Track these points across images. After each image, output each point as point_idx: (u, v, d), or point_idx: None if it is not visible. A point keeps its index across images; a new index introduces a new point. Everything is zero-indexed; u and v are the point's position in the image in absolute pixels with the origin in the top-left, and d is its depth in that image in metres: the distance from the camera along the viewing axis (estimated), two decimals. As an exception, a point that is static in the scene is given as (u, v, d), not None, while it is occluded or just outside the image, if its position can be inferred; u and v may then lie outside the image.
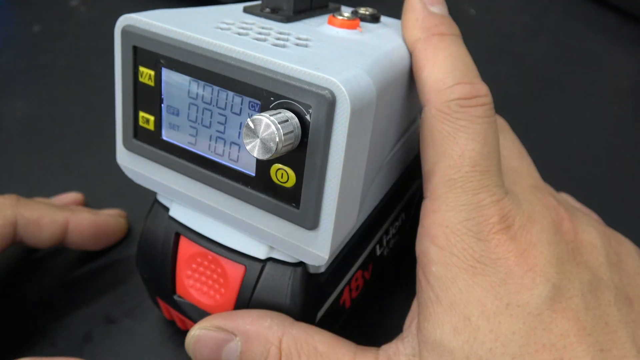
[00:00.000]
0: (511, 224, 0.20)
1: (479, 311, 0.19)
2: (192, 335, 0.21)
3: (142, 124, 0.21)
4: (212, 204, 0.21)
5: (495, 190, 0.20)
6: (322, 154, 0.17)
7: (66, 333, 0.27)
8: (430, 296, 0.20)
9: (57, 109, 0.43)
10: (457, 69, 0.20)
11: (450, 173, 0.20)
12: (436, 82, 0.20)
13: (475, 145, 0.20)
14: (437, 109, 0.20)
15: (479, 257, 0.19)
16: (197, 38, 0.19)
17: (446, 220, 0.20)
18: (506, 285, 0.19)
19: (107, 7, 0.59)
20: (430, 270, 0.20)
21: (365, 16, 0.24)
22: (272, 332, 0.20)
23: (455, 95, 0.20)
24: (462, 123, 0.20)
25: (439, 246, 0.20)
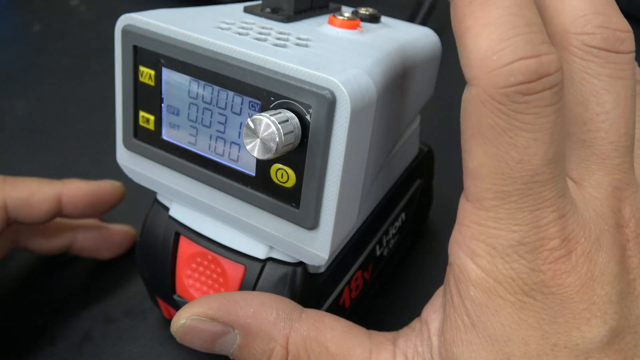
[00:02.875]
0: (573, 249, 0.16)
1: (521, 351, 0.16)
2: (181, 324, 0.18)
3: (142, 123, 0.21)
4: (212, 203, 0.21)
5: (559, 204, 0.16)
6: (322, 154, 0.17)
7: (66, 332, 0.27)
8: (464, 320, 0.17)
9: (57, 109, 0.43)
10: (519, 32, 0.15)
11: (503, 183, 0.16)
12: (487, 54, 0.15)
13: (540, 147, 0.15)
14: (490, 96, 0.15)
15: (528, 291, 0.16)
16: (197, 38, 0.19)
17: (493, 240, 0.16)
18: (555, 324, 0.16)
19: (107, 7, 0.59)
20: (468, 293, 0.17)
21: (365, 16, 0.24)
22: (278, 329, 0.18)
23: (516, 78, 0.14)
24: (524, 118, 0.15)
25: (482, 268, 0.16)
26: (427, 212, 0.32)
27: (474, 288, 0.17)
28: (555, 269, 0.16)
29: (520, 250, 0.16)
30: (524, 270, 0.16)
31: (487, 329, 0.16)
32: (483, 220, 0.16)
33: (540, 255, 0.16)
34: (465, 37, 0.15)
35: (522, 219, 0.16)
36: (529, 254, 0.16)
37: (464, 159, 0.17)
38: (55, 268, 0.30)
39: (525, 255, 0.16)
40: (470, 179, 0.16)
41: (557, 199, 0.16)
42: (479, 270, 0.16)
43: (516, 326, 0.16)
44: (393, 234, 0.27)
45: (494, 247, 0.16)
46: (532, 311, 0.16)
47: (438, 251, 0.32)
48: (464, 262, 0.17)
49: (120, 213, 0.33)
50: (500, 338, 0.16)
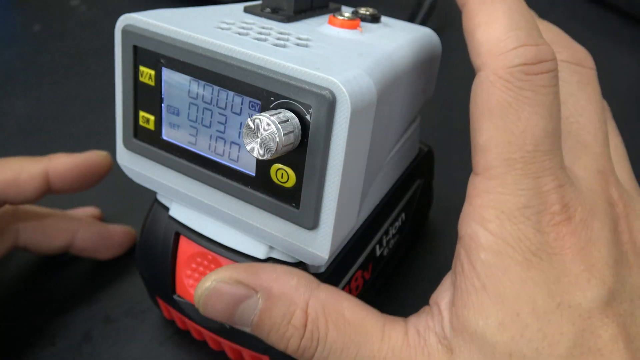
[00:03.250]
0: (572, 215, 0.18)
1: (530, 308, 0.17)
2: (207, 287, 0.19)
3: (142, 123, 0.21)
4: (212, 203, 0.21)
5: (558, 174, 0.18)
6: (322, 154, 0.17)
7: (66, 332, 0.27)
8: (474, 283, 0.18)
9: (57, 109, 0.43)
10: (520, 27, 0.18)
11: (510, 151, 0.18)
12: (496, 43, 0.18)
13: (540, 120, 0.17)
14: (498, 76, 0.18)
15: (535, 250, 0.17)
16: (197, 38, 0.19)
17: (502, 204, 0.18)
18: (560, 284, 0.17)
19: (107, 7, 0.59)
20: (478, 257, 0.18)
21: (365, 16, 0.24)
22: (299, 293, 0.19)
23: (519, 59, 0.17)
24: (527, 94, 0.17)
25: (492, 232, 0.18)
26: (427, 212, 0.32)
27: (485, 251, 0.18)
28: (557, 231, 0.18)
29: (526, 212, 0.18)
30: (530, 231, 0.18)
31: (497, 288, 0.18)
32: (492, 187, 0.18)
33: (544, 218, 0.18)
34: (476, 31, 0.18)
35: (526, 184, 0.18)
36: (534, 215, 0.18)
37: (473, 137, 0.19)
38: (55, 268, 0.30)
39: (531, 217, 0.18)
40: (479, 153, 0.18)
41: (557, 170, 0.18)
42: (488, 234, 0.18)
43: (524, 284, 0.17)
44: (393, 234, 0.27)
45: (502, 211, 0.18)
46: (539, 270, 0.17)
47: (438, 251, 0.32)
48: (475, 229, 0.18)
49: (120, 213, 0.33)
50: (509, 296, 0.17)
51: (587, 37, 0.61)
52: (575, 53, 0.22)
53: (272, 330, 0.19)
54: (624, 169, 0.22)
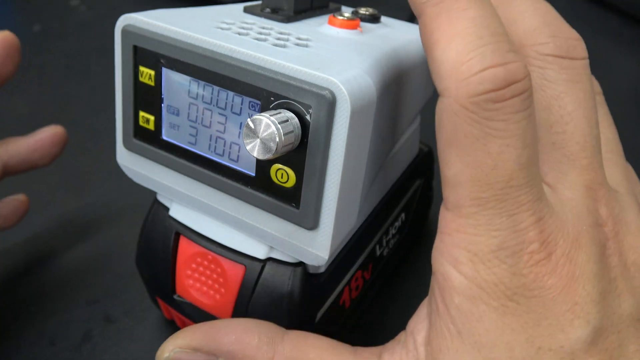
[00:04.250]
0: (552, 251, 0.16)
1: (507, 356, 0.16)
2: (165, 358, 0.18)
3: (142, 123, 0.21)
4: (212, 204, 0.21)
5: (535, 207, 0.16)
6: (322, 154, 0.17)
7: (65, 332, 0.27)
8: (450, 328, 0.17)
9: (57, 109, 0.43)
10: (485, 43, 0.15)
11: (479, 190, 0.16)
12: (456, 65, 0.15)
13: (512, 153, 0.15)
14: (461, 105, 0.15)
15: (511, 295, 0.16)
16: (197, 38, 0.19)
17: (474, 246, 0.16)
18: (539, 327, 0.16)
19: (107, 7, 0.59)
20: (452, 300, 0.17)
21: (365, 16, 0.24)
22: (262, 353, 0.18)
23: (484, 86, 0.15)
24: (496, 125, 0.15)
25: (465, 275, 0.16)
26: (427, 212, 0.32)
27: (458, 295, 0.17)
28: (537, 272, 0.16)
29: (500, 255, 0.16)
30: (506, 275, 0.16)
31: (472, 335, 0.16)
32: (463, 227, 0.16)
33: (521, 259, 0.16)
34: (434, 49, 0.16)
35: (500, 224, 0.16)
36: (510, 258, 0.16)
37: (442, 168, 0.17)
38: (55, 268, 0.30)
39: (506, 260, 0.16)
40: (448, 188, 0.17)
41: (534, 203, 0.16)
42: (461, 278, 0.17)
43: (501, 331, 0.16)
44: (393, 234, 0.27)
45: (475, 254, 0.16)
46: (516, 315, 0.16)
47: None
48: (447, 270, 0.17)
49: (120, 213, 0.33)
50: (485, 344, 0.16)
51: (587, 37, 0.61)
52: (565, 42, 0.18)
53: None
54: (616, 166, 0.20)
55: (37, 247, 0.31)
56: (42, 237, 0.32)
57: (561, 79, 0.18)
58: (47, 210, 0.34)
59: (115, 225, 0.33)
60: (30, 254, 0.31)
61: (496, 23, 0.16)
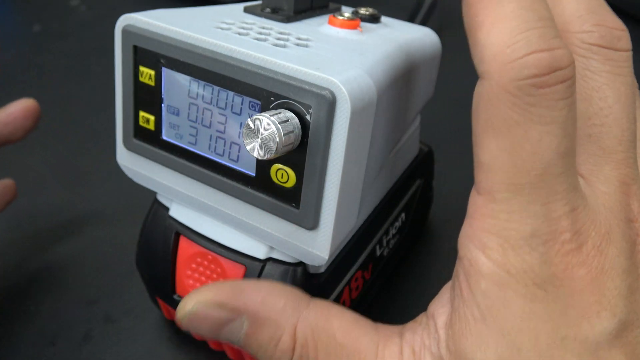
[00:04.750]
0: (584, 242, 0.16)
1: (532, 343, 0.16)
2: (188, 311, 0.18)
3: (142, 123, 0.21)
4: (212, 204, 0.21)
5: (570, 197, 0.16)
6: (322, 154, 0.17)
7: (65, 333, 0.27)
8: (474, 312, 0.17)
9: (57, 109, 0.43)
10: (531, 27, 0.15)
11: (516, 176, 0.16)
12: (501, 48, 0.15)
13: (552, 141, 0.15)
14: (504, 89, 0.15)
15: (540, 283, 0.16)
16: (197, 38, 0.19)
17: (506, 232, 0.16)
18: (566, 317, 0.16)
19: (107, 7, 0.59)
20: (478, 285, 0.17)
21: (365, 16, 0.24)
22: (286, 317, 0.18)
23: (529, 71, 0.15)
24: (538, 111, 0.15)
25: (493, 261, 0.16)
26: (427, 212, 0.32)
27: (485, 281, 0.17)
28: (567, 262, 0.16)
29: (532, 242, 0.16)
30: (536, 263, 0.16)
31: (497, 321, 0.16)
32: (495, 213, 0.16)
33: (552, 248, 0.16)
34: (478, 31, 0.16)
35: (534, 212, 0.16)
36: (541, 246, 0.16)
37: (476, 153, 0.17)
38: (55, 268, 0.30)
39: (538, 248, 0.16)
40: (482, 173, 0.17)
41: (569, 193, 0.16)
42: (490, 263, 0.16)
43: (527, 318, 0.16)
44: (393, 234, 0.27)
45: (506, 240, 0.16)
46: (543, 303, 0.16)
47: (438, 251, 0.32)
48: (475, 255, 0.17)
49: (120, 213, 0.33)
50: (511, 330, 0.16)
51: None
52: (609, 33, 0.18)
53: (259, 352, 0.18)
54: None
55: (37, 247, 0.31)
56: (42, 236, 0.32)
57: (604, 70, 0.18)
58: (47, 210, 0.34)
59: (115, 225, 0.33)
60: (30, 254, 0.31)
61: (543, 7, 0.16)
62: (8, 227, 0.33)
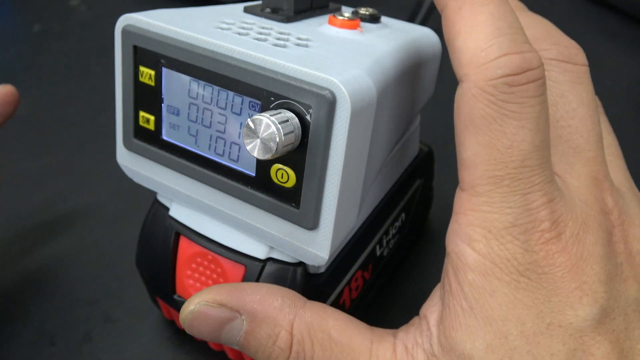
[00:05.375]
0: (562, 231, 0.17)
1: (518, 330, 0.17)
2: (190, 311, 0.19)
3: (142, 123, 0.21)
4: (212, 203, 0.21)
5: (547, 189, 0.17)
6: (322, 154, 0.17)
7: (65, 333, 0.27)
8: (462, 305, 0.18)
9: (57, 109, 0.43)
10: (503, 33, 0.17)
11: (495, 168, 0.17)
12: (476, 52, 0.17)
13: (527, 134, 0.17)
14: (480, 88, 0.16)
15: (523, 270, 0.17)
16: (197, 38, 0.19)
17: (488, 223, 0.17)
18: (550, 303, 0.17)
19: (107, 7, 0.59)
20: (465, 277, 0.18)
21: (365, 16, 0.24)
22: (283, 315, 0.18)
23: (502, 71, 0.16)
24: (512, 107, 0.16)
25: (478, 252, 0.17)
26: (427, 212, 0.32)
27: (472, 272, 0.17)
28: (547, 250, 0.17)
29: (513, 231, 0.17)
30: (518, 251, 0.17)
31: (484, 310, 0.17)
32: (477, 205, 0.17)
33: (533, 237, 0.17)
34: (456, 40, 0.17)
35: (514, 202, 0.17)
36: (522, 234, 0.17)
37: (458, 152, 0.18)
38: (55, 268, 0.30)
39: (519, 236, 0.17)
40: (464, 169, 0.18)
41: (546, 184, 0.17)
42: (475, 254, 0.17)
43: (512, 306, 0.17)
44: (393, 234, 0.27)
45: (489, 230, 0.17)
46: (528, 291, 0.17)
47: (438, 251, 0.32)
48: (462, 248, 0.18)
49: (120, 213, 0.33)
50: (497, 318, 0.17)
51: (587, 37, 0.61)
52: (566, 49, 0.20)
53: (258, 351, 0.19)
54: (618, 169, 0.22)
55: (36, 247, 0.31)
56: (41, 236, 0.32)
57: (565, 79, 0.20)
58: (47, 210, 0.34)
59: (115, 225, 0.33)
60: (30, 254, 0.31)
61: (512, 17, 0.17)
62: (8, 226, 0.33)
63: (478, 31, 0.17)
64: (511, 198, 0.17)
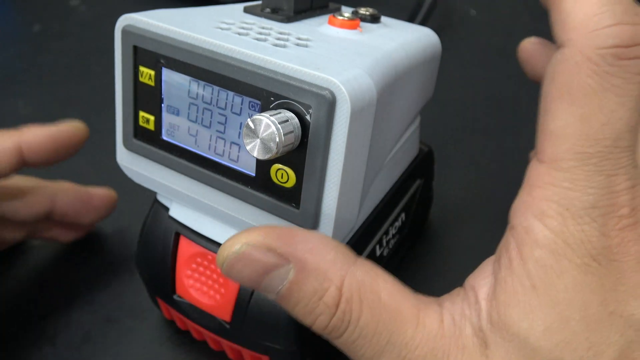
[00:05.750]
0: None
1: (581, 315, 0.16)
2: (235, 251, 0.17)
3: (142, 123, 0.21)
4: (212, 204, 0.21)
5: (632, 173, 0.16)
6: (322, 154, 0.17)
7: (65, 333, 0.27)
8: (523, 282, 0.17)
9: (57, 109, 0.43)
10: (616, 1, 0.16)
11: (586, 144, 0.16)
12: (587, 17, 0.16)
13: (625, 113, 0.16)
14: (586, 57, 0.16)
15: (596, 255, 0.16)
16: (197, 38, 0.19)
17: (568, 201, 0.16)
18: (615, 292, 0.16)
19: (107, 7, 0.59)
20: (532, 254, 0.17)
21: (365, 16, 0.24)
22: (335, 269, 0.17)
23: (613, 41, 0.15)
24: (615, 81, 0.16)
25: (552, 230, 0.16)
26: (427, 212, 0.32)
27: (540, 249, 0.17)
28: (622, 236, 0.16)
29: (592, 213, 0.16)
30: (594, 234, 0.16)
31: (549, 290, 0.16)
32: (558, 181, 0.17)
33: (611, 221, 0.16)
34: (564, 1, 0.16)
35: (598, 182, 0.16)
36: (601, 217, 0.16)
37: (544, 121, 0.17)
38: (55, 268, 0.30)
39: (597, 219, 0.16)
40: (549, 140, 0.17)
41: (632, 168, 0.16)
42: (547, 231, 0.17)
43: (580, 289, 0.16)
44: (393, 234, 0.27)
45: (567, 208, 0.16)
46: (597, 276, 0.16)
47: (438, 251, 0.32)
48: (532, 223, 0.17)
49: (120, 213, 0.33)
50: (562, 301, 0.16)
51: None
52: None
53: (299, 304, 0.17)
54: None
55: (36, 247, 0.31)
56: (42, 237, 0.32)
57: None
58: (47, 210, 0.34)
59: (115, 225, 0.33)
60: (30, 254, 0.31)
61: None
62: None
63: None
64: (596, 177, 0.16)
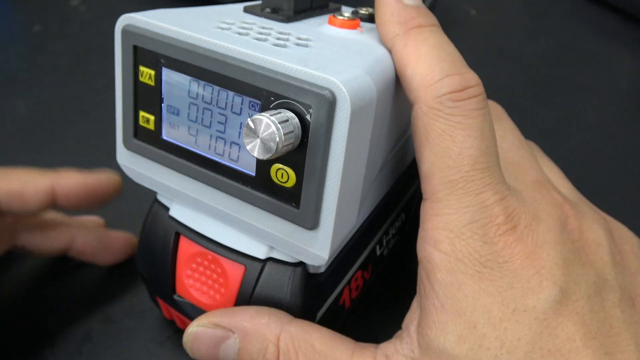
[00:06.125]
0: (517, 223, 0.19)
1: (485, 318, 0.18)
2: (190, 333, 0.21)
3: (142, 123, 0.21)
4: (212, 203, 0.21)
5: (498, 188, 0.19)
6: (322, 154, 0.17)
7: (65, 333, 0.27)
8: (434, 303, 0.19)
9: (57, 109, 0.43)
10: (443, 60, 0.19)
11: (450, 174, 0.19)
12: (423, 77, 0.19)
13: (473, 141, 0.19)
14: (429, 106, 0.19)
15: (484, 262, 0.19)
16: (197, 38, 0.19)
17: (449, 224, 0.19)
18: (512, 290, 0.18)
19: (107, 7, 0.59)
20: (435, 277, 0.19)
21: (365, 16, 0.24)
22: (270, 329, 0.20)
23: (445, 89, 0.19)
24: (457, 119, 0.19)
25: (443, 252, 0.19)
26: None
27: (440, 271, 0.19)
28: (504, 240, 0.19)
29: (472, 227, 0.19)
30: (478, 244, 0.19)
31: (453, 304, 0.19)
32: (439, 210, 0.19)
33: (490, 230, 0.19)
34: (406, 70, 0.20)
35: (469, 202, 0.19)
36: (480, 229, 0.19)
37: (418, 167, 0.20)
38: (55, 269, 0.30)
39: (477, 231, 0.19)
40: (424, 180, 0.20)
41: (497, 184, 0.19)
42: (441, 255, 0.19)
43: (478, 296, 0.18)
44: (393, 234, 0.27)
45: (451, 230, 0.19)
46: (491, 280, 0.18)
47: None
48: (430, 252, 0.19)
49: (120, 213, 0.33)
50: (465, 310, 0.18)
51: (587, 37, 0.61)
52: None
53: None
54: (564, 186, 0.24)
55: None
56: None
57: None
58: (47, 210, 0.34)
59: (115, 225, 0.33)
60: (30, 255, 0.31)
61: (451, 48, 0.20)
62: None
63: (423, 60, 0.19)
64: (466, 198, 0.19)
